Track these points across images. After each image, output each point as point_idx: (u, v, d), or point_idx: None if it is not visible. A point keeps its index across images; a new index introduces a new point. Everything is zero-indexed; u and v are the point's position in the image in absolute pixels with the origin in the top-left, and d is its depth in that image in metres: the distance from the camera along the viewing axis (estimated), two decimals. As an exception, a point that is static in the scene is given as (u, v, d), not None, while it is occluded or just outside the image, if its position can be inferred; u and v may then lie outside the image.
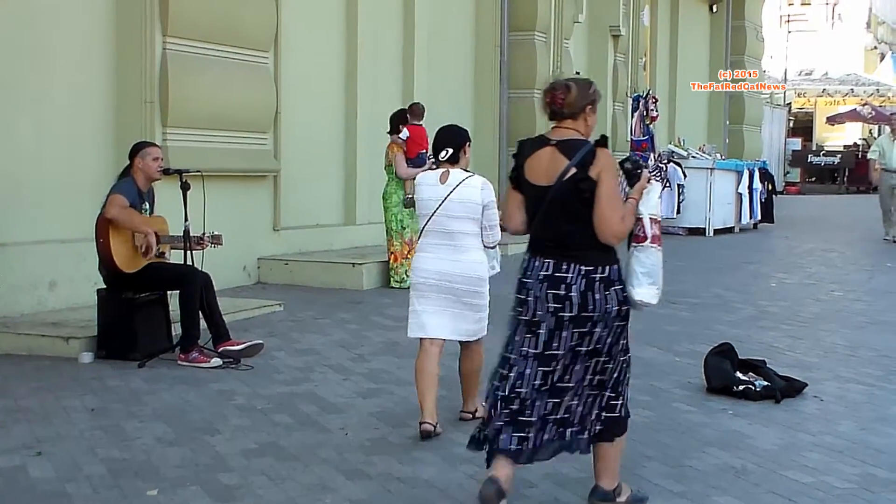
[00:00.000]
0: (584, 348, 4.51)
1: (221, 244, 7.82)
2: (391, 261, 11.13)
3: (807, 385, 6.98)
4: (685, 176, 18.19)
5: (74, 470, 5.11)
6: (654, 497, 4.90)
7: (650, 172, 4.96)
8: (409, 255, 11.11)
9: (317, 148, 12.61)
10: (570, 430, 4.60)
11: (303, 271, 11.28)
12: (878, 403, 6.86)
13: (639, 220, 4.73)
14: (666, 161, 18.20)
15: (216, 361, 7.38)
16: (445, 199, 5.88)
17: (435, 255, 5.95)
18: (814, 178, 36.79)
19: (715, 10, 27.28)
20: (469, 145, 6.14)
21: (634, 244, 4.76)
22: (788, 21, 48.92)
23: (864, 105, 37.22)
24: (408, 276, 11.08)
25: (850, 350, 8.61)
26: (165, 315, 7.80)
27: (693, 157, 19.47)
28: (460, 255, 5.92)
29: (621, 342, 4.61)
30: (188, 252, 7.52)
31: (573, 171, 4.45)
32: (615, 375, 4.61)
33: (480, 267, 6.03)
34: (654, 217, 4.78)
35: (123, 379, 6.99)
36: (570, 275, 4.47)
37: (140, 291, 7.58)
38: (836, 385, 7.30)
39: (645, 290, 4.73)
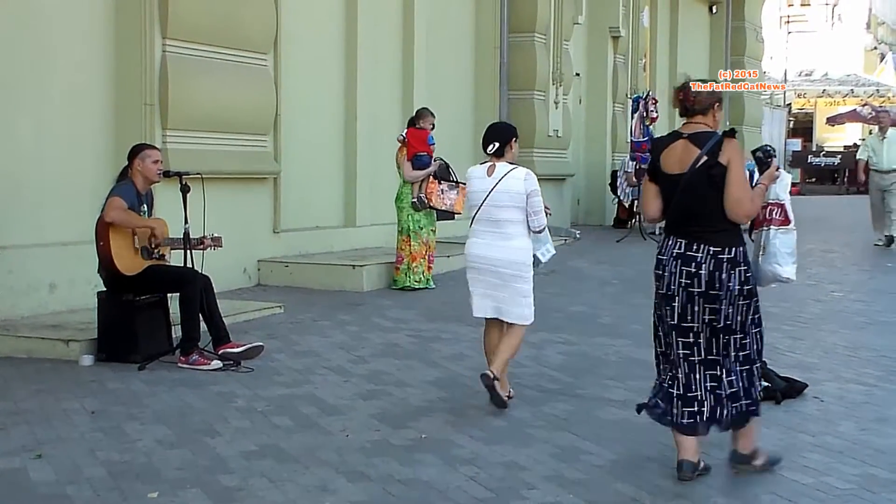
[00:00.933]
0: (719, 324, 5.03)
1: (222, 246, 7.83)
2: (409, 261, 11.10)
3: (807, 386, 6.98)
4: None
5: (75, 472, 5.11)
6: (654, 498, 4.90)
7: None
8: (426, 255, 11.14)
9: (317, 150, 12.61)
10: (741, 403, 5.12)
11: (303, 273, 11.28)
12: (878, 404, 6.87)
13: (777, 205, 5.47)
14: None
15: (216, 364, 7.38)
16: (492, 189, 6.46)
17: (484, 241, 6.55)
18: (814, 179, 36.80)
19: (714, 11, 27.28)
20: (515, 141, 6.69)
21: (774, 227, 5.46)
22: (788, 22, 48.95)
23: (864, 106, 37.23)
24: (424, 276, 11.16)
25: (850, 351, 8.61)
26: (165, 317, 7.80)
27: (693, 158, 19.44)
28: (506, 242, 6.50)
29: (751, 317, 5.11)
30: (188, 254, 7.52)
31: (704, 158, 4.99)
32: (755, 348, 5.15)
33: (525, 253, 6.58)
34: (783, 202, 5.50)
35: (123, 381, 6.99)
36: (699, 255, 5.02)
37: (140, 294, 7.58)
38: (837, 386, 7.30)
39: (790, 269, 5.50)
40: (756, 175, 5.46)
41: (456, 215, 11.42)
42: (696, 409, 5.11)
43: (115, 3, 9.67)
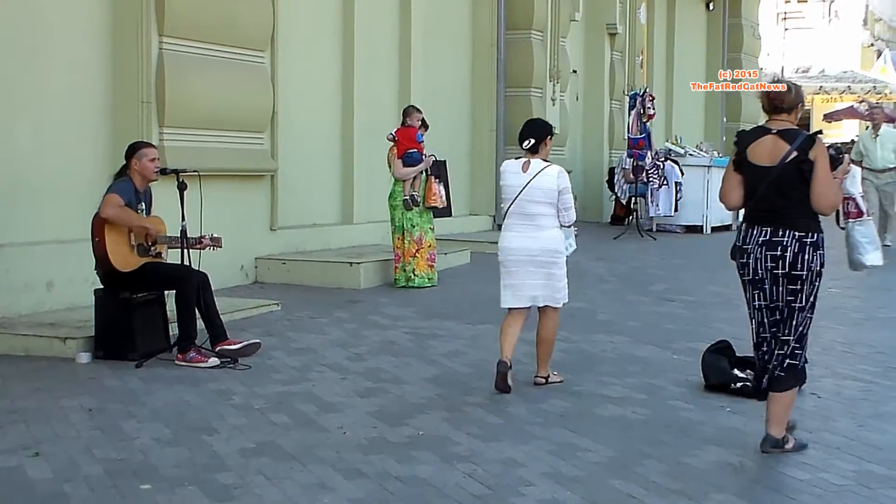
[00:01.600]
0: (796, 304, 5.56)
1: (221, 247, 7.83)
2: (403, 259, 11.10)
3: (804, 382, 6.97)
4: (682, 174, 18.19)
5: (72, 470, 5.11)
6: (652, 495, 4.91)
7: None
8: (417, 254, 11.12)
9: (314, 147, 12.61)
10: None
11: (300, 271, 11.28)
12: (875, 400, 6.88)
13: (850, 199, 6.14)
14: (663, 159, 18.21)
15: (214, 361, 7.38)
16: (526, 185, 6.84)
17: (517, 233, 6.94)
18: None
19: (712, 7, 27.26)
20: (550, 138, 7.09)
21: (851, 220, 6.18)
22: (785, 18, 48.96)
23: (861, 102, 37.20)
24: (416, 274, 11.16)
25: (847, 347, 8.63)
26: (163, 315, 7.80)
27: (690, 154, 19.47)
28: (539, 233, 6.90)
29: (812, 297, 5.61)
30: (185, 252, 7.52)
31: (794, 154, 5.48)
32: (806, 323, 5.61)
33: (556, 241, 6.98)
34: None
35: (121, 379, 6.99)
36: (785, 239, 5.52)
37: (137, 291, 7.57)
38: (834, 382, 7.31)
39: (873, 255, 6.22)
40: None
41: (451, 210, 11.45)
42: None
43: (113, 1, 9.66)
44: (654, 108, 18.36)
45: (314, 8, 12.66)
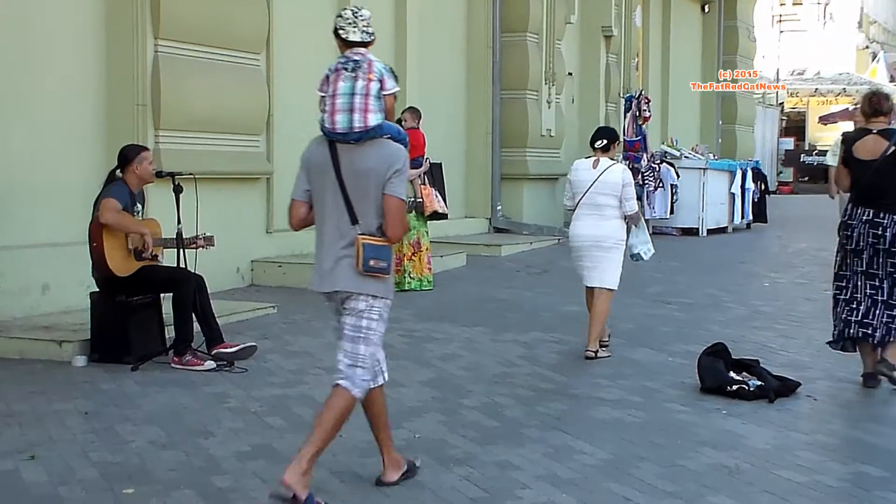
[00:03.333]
0: None
1: (214, 245, 7.82)
2: (402, 262, 11.08)
3: (800, 384, 7.00)
4: (678, 176, 18.20)
5: (67, 473, 5.10)
6: (647, 497, 4.91)
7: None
8: (413, 257, 11.11)
9: (309, 150, 12.58)
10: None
11: (296, 273, 11.24)
12: (870, 402, 6.89)
13: None
14: (659, 161, 18.22)
15: (209, 364, 7.37)
16: (596, 180, 7.97)
17: (587, 222, 8.04)
18: (806, 178, 36.81)
19: (707, 10, 27.29)
20: (618, 143, 8.47)
21: None
22: (780, 21, 49.02)
23: (856, 104, 37.25)
24: (412, 277, 11.14)
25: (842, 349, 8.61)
26: (158, 318, 7.79)
27: (686, 157, 19.50)
28: (605, 222, 8.01)
29: None
30: (181, 254, 7.51)
31: (893, 148, 6.98)
32: None
33: (620, 230, 8.08)
34: None
35: (116, 382, 6.98)
36: (885, 221, 6.99)
37: (133, 294, 7.57)
38: (829, 384, 7.32)
39: None
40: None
41: (447, 215, 11.45)
42: (870, 331, 7.08)
43: (107, 4, 9.66)
44: (649, 111, 18.39)
45: (309, 10, 12.66)
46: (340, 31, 5.15)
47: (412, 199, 11.00)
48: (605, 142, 8.11)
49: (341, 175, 4.85)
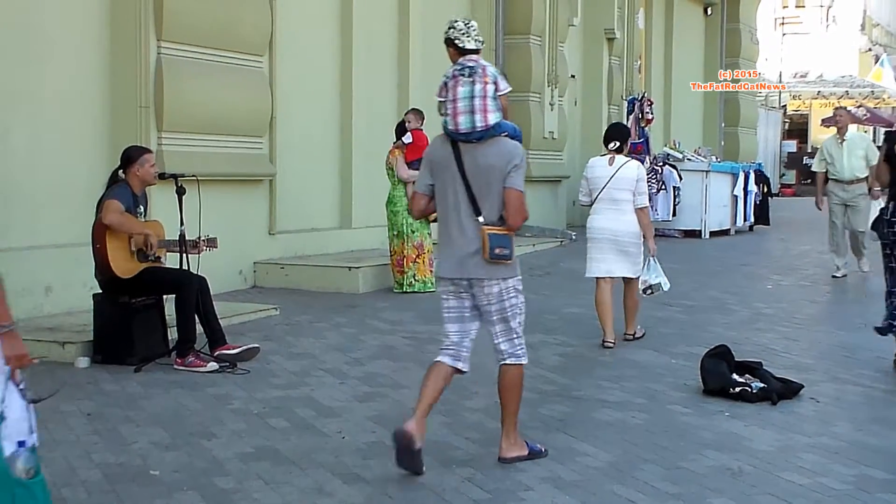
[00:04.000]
0: None
1: (217, 247, 7.82)
2: (404, 264, 11.07)
3: (803, 387, 6.99)
4: (681, 178, 18.19)
5: (70, 475, 5.10)
6: (650, 499, 4.90)
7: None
8: (417, 259, 11.09)
9: (312, 151, 12.61)
10: None
11: (299, 275, 11.28)
12: (874, 405, 6.88)
13: None
14: (661, 164, 18.21)
15: (212, 366, 7.37)
16: (612, 177, 8.47)
17: (605, 216, 8.52)
18: (809, 181, 36.74)
19: (710, 12, 27.30)
20: (629, 140, 8.99)
21: None
22: (783, 24, 49.04)
23: (859, 107, 37.24)
24: (416, 279, 11.14)
25: (846, 351, 8.63)
26: (162, 319, 7.79)
27: (688, 159, 19.48)
28: (621, 216, 8.48)
29: None
30: (184, 256, 7.52)
31: None
32: None
33: (634, 224, 8.51)
34: None
35: (119, 383, 6.98)
36: None
37: (136, 296, 7.57)
38: (833, 386, 7.31)
39: None
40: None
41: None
42: None
43: (110, 6, 9.67)
44: (652, 113, 18.39)
45: (312, 12, 12.67)
46: (456, 41, 5.84)
47: None
48: (618, 144, 8.58)
49: (465, 171, 5.31)
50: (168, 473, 5.12)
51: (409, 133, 11.03)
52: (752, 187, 20.05)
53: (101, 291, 7.62)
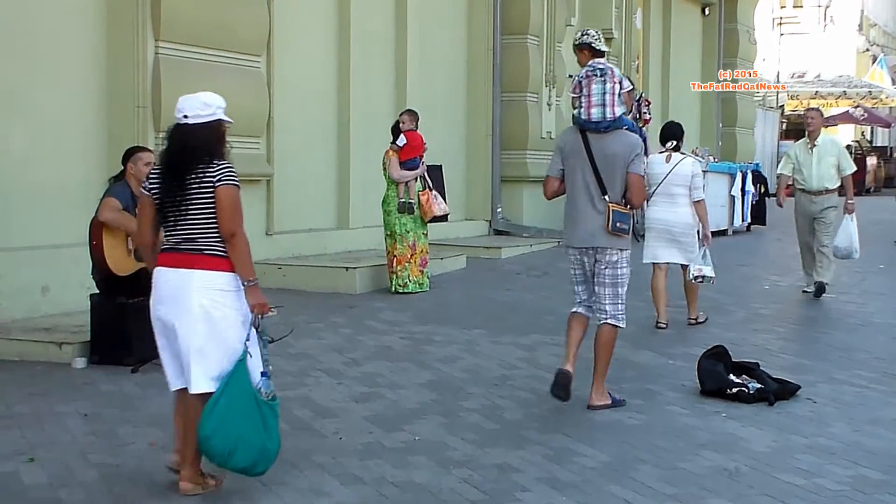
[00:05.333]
0: None
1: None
2: (394, 264, 11.07)
3: (800, 387, 7.00)
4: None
5: (67, 476, 5.10)
6: (647, 500, 4.91)
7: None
8: (412, 259, 11.09)
9: (310, 152, 12.61)
10: None
11: (296, 275, 11.27)
12: (870, 405, 6.88)
13: None
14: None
15: (209, 366, 7.36)
16: (669, 172, 9.21)
17: (662, 208, 9.24)
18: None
19: (707, 12, 27.28)
20: (684, 136, 9.72)
21: None
22: (781, 24, 49.05)
23: (856, 107, 37.28)
24: (410, 280, 11.13)
25: (842, 352, 8.63)
26: (159, 320, 7.77)
27: (686, 159, 19.46)
28: (677, 209, 9.25)
29: None
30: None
31: None
32: None
33: (690, 216, 9.26)
34: None
35: (117, 384, 6.98)
36: None
37: (133, 295, 7.54)
38: (830, 387, 7.31)
39: None
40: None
41: (448, 216, 11.45)
42: None
43: (108, 6, 9.67)
44: (650, 114, 18.36)
45: (310, 13, 12.67)
46: (592, 44, 6.72)
47: (403, 201, 10.99)
48: (675, 142, 9.41)
49: (593, 157, 6.38)
50: (165, 474, 5.12)
51: (402, 135, 11.02)
52: (750, 187, 20.05)
53: (98, 292, 7.61)
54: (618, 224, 6.33)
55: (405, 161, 10.95)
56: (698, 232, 9.27)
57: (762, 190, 21.06)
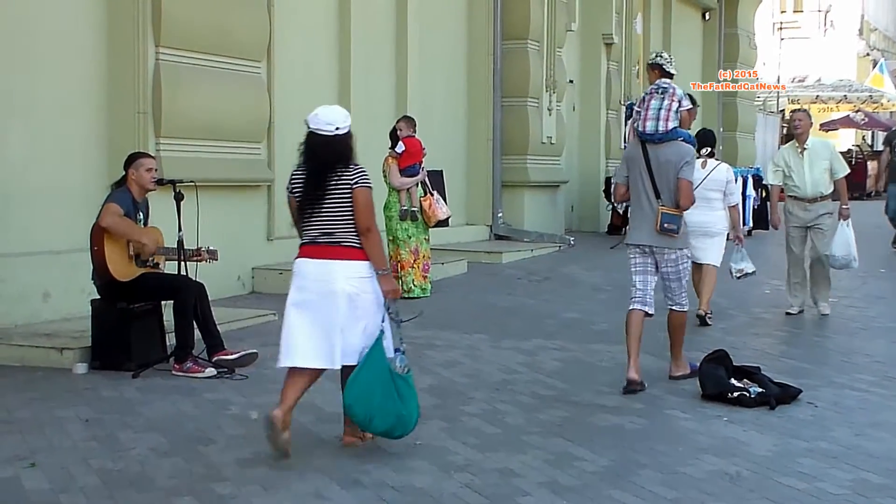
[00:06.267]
0: None
1: (217, 259, 7.82)
2: (398, 270, 11.07)
3: (801, 391, 6.99)
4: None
5: (68, 481, 5.10)
6: (648, 504, 4.90)
7: None
8: (415, 264, 11.10)
9: (311, 157, 12.59)
10: None
11: (297, 280, 11.23)
12: (871, 409, 6.88)
13: None
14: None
15: (210, 371, 7.37)
16: (705, 177, 9.62)
17: (700, 212, 9.17)
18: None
19: (707, 17, 27.31)
20: (716, 143, 10.45)
21: None
22: (781, 28, 49.11)
23: (857, 111, 37.28)
24: (415, 285, 11.13)
25: (844, 356, 8.63)
26: (159, 325, 7.79)
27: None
28: (712, 212, 9.77)
29: None
30: (182, 262, 7.52)
31: None
32: None
33: (724, 219, 9.92)
34: None
35: (117, 389, 6.98)
36: None
37: (134, 301, 7.57)
38: (831, 391, 7.31)
39: None
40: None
41: (449, 220, 11.46)
42: None
43: (108, 11, 9.68)
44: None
45: (310, 18, 12.68)
46: (664, 66, 7.58)
47: (406, 208, 11.00)
48: (709, 149, 9.91)
49: (650, 165, 7.26)
50: (166, 479, 5.12)
51: (400, 142, 11.03)
52: (751, 192, 20.04)
53: (99, 297, 7.61)
54: (665, 225, 7.20)
55: (405, 168, 10.96)
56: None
57: (763, 194, 21.04)
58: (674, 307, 7.58)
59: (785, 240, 10.73)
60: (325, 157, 5.82)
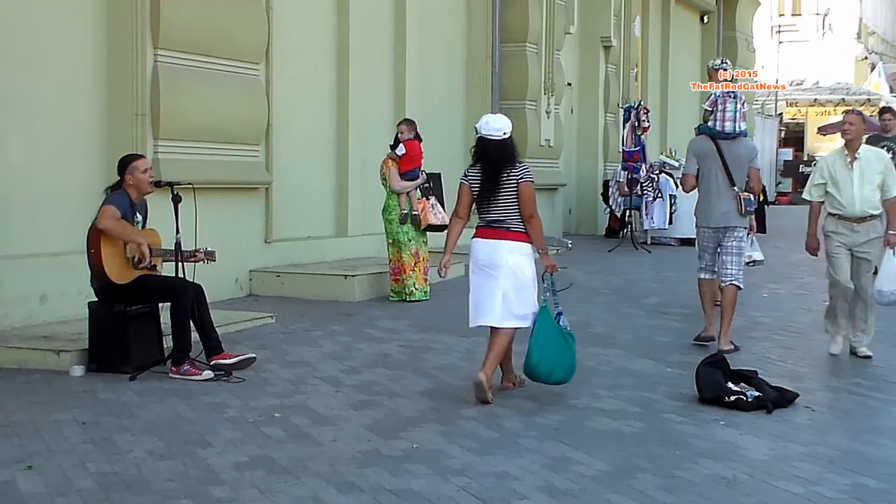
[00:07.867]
0: None
1: (215, 260, 7.82)
2: (400, 273, 11.07)
3: (798, 395, 6.99)
4: (677, 186, 18.17)
5: (65, 484, 5.10)
6: (645, 508, 4.90)
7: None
8: (416, 267, 11.09)
9: (308, 160, 12.62)
10: None
11: (295, 283, 11.27)
12: (869, 413, 6.89)
13: None
14: (657, 172, 18.22)
15: (208, 374, 7.37)
16: None
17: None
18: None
19: (706, 20, 27.36)
20: None
21: None
22: (779, 31, 49.17)
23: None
24: (416, 288, 11.13)
25: (841, 360, 8.62)
26: (157, 328, 7.79)
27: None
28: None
29: None
30: (180, 264, 7.51)
31: None
32: None
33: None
34: None
35: (115, 392, 6.97)
36: None
37: (131, 304, 7.56)
38: (828, 395, 7.32)
39: None
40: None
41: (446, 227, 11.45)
42: None
43: (107, 13, 9.68)
44: (648, 121, 18.39)
45: (308, 20, 12.69)
46: (729, 70, 9.64)
47: (406, 212, 11.00)
48: None
49: (724, 158, 8.78)
50: (163, 482, 5.12)
51: (401, 144, 11.03)
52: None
53: (96, 299, 7.61)
54: (748, 208, 8.78)
55: (405, 172, 10.96)
56: None
57: (761, 198, 21.05)
58: (732, 281, 8.75)
59: (828, 268, 8.82)
60: (497, 157, 6.89)
